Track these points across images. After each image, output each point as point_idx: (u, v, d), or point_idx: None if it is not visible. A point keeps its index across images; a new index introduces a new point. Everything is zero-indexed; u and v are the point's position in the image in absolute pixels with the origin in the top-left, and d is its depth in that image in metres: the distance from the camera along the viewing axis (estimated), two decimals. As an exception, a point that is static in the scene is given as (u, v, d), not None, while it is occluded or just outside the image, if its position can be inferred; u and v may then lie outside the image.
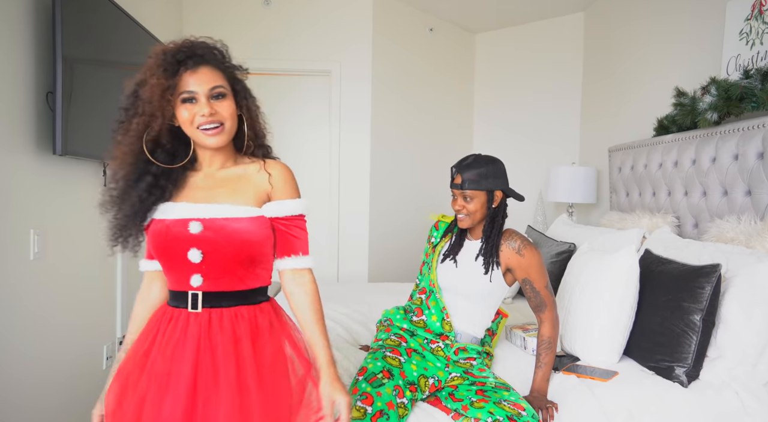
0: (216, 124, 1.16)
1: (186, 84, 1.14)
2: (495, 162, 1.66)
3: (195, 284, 1.17)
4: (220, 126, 1.17)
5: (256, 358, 1.17)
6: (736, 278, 1.71)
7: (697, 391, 1.62)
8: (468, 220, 1.66)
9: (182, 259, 1.16)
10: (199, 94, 1.15)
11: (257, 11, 3.69)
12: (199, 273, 1.17)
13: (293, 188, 1.25)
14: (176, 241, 1.16)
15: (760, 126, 2.04)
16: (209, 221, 1.16)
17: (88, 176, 2.30)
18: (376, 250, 3.95)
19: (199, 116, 1.15)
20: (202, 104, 1.15)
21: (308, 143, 3.88)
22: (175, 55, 1.14)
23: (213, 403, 1.11)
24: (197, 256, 1.15)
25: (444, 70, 4.39)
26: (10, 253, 1.79)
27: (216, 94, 1.16)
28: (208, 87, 1.15)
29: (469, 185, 1.62)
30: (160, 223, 1.18)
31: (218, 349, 1.15)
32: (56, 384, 2.07)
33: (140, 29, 2.58)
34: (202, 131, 1.16)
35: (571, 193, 3.43)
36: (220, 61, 1.20)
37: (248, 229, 1.17)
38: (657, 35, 3.04)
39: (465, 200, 1.64)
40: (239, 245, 1.16)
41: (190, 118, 1.15)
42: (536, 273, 1.65)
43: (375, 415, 1.35)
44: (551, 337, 1.64)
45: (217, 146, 1.19)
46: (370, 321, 2.26)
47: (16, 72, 1.80)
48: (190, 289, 1.18)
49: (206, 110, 1.14)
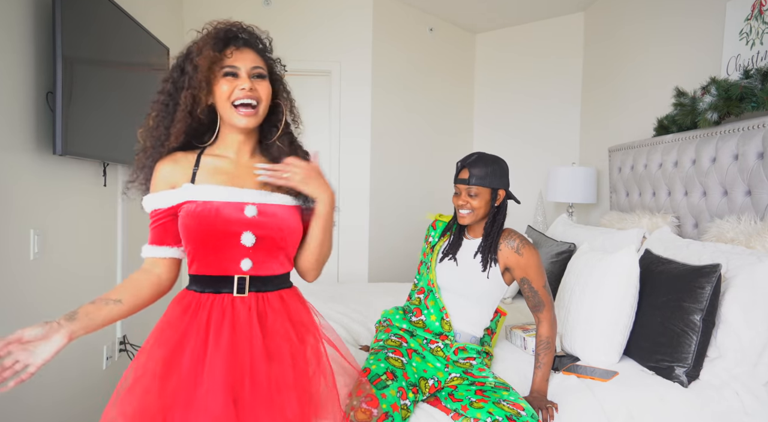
0: (253, 101, 1.19)
1: (230, 60, 1.19)
2: (500, 162, 1.67)
3: (245, 267, 1.18)
4: (255, 108, 1.20)
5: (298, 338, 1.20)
6: (736, 278, 1.71)
7: (697, 391, 1.62)
8: (470, 216, 1.65)
9: (234, 242, 1.17)
10: (241, 70, 1.20)
11: (257, 11, 3.69)
12: (248, 257, 1.18)
13: None
14: (229, 224, 1.17)
15: (760, 126, 2.04)
16: (263, 206, 1.20)
17: (88, 176, 2.31)
18: (376, 250, 3.95)
19: (239, 89, 1.18)
20: (243, 79, 1.19)
21: (308, 143, 3.85)
22: (227, 32, 1.21)
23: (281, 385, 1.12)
24: (251, 239, 1.17)
25: (444, 70, 4.39)
26: (10, 253, 1.80)
27: (257, 74, 1.22)
28: (251, 65, 1.21)
29: (476, 181, 1.62)
30: (207, 205, 1.17)
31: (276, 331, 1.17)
32: (56, 383, 2.07)
33: (140, 29, 2.58)
34: (236, 109, 1.19)
35: (571, 193, 3.43)
36: (263, 50, 1.27)
37: (294, 217, 1.23)
38: (657, 35, 3.04)
39: (469, 196, 1.64)
40: (288, 231, 1.22)
41: (229, 91, 1.19)
42: (534, 273, 1.65)
43: (380, 418, 1.35)
44: (550, 337, 1.64)
45: (248, 127, 1.22)
46: (369, 321, 2.26)
47: (16, 72, 1.80)
48: (238, 273, 1.18)
49: (247, 85, 1.18)
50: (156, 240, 1.23)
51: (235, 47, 1.21)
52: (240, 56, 1.20)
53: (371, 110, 3.84)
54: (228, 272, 1.18)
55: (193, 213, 1.16)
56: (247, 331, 1.14)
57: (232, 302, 1.17)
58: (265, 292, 1.21)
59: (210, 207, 1.16)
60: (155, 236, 1.23)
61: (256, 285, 1.19)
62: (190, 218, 1.16)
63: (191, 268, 1.21)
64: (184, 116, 1.19)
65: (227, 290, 1.18)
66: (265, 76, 1.23)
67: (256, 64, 1.22)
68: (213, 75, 1.19)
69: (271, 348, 1.15)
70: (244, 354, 1.12)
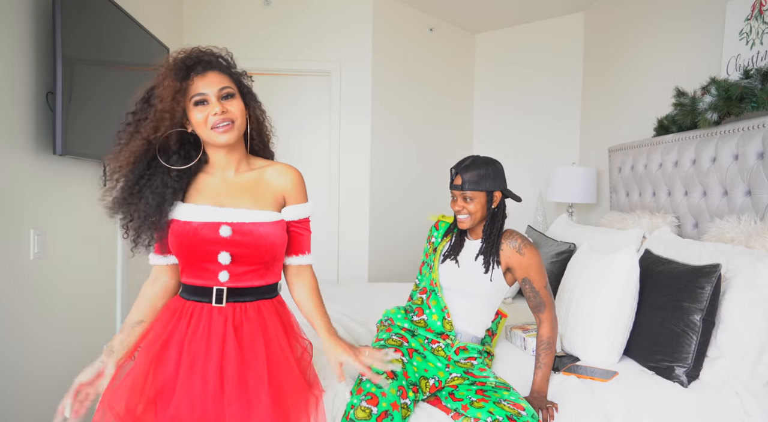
0: (227, 122, 1.23)
1: (197, 87, 1.23)
2: (494, 163, 1.68)
3: (223, 279, 1.26)
4: (231, 123, 1.24)
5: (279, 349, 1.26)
6: (736, 278, 1.71)
7: (697, 391, 1.62)
8: (468, 221, 1.67)
9: (211, 260, 1.24)
10: (209, 95, 1.23)
11: (257, 11, 3.69)
12: (226, 270, 1.25)
13: (305, 192, 1.36)
14: (206, 243, 1.24)
15: (760, 126, 2.04)
16: (238, 225, 1.24)
17: (88, 176, 2.30)
18: (376, 250, 3.95)
19: (212, 115, 1.22)
20: (213, 104, 1.22)
21: (308, 143, 3.88)
22: (185, 61, 1.23)
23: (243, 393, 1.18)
24: (226, 258, 1.24)
25: (444, 69, 4.39)
26: (10, 253, 1.79)
27: (225, 95, 1.25)
28: (218, 88, 1.23)
29: (469, 186, 1.63)
30: (187, 225, 1.24)
31: (245, 341, 1.23)
32: (56, 383, 2.07)
33: (140, 29, 2.57)
34: (214, 130, 1.23)
35: (571, 193, 3.43)
36: (226, 67, 1.28)
37: (273, 232, 1.27)
38: (657, 35, 3.04)
39: (465, 201, 1.65)
40: (265, 248, 1.26)
41: (203, 119, 1.23)
42: (536, 273, 1.66)
43: (380, 416, 1.36)
44: (550, 337, 1.64)
45: (228, 143, 1.26)
46: (370, 321, 2.26)
47: (16, 72, 1.80)
48: (217, 284, 1.26)
49: (218, 109, 1.22)
50: (159, 250, 1.34)
51: (197, 74, 1.23)
52: (205, 82, 1.23)
53: (371, 110, 3.84)
54: (207, 284, 1.26)
55: (175, 232, 1.25)
56: (220, 339, 1.22)
57: (210, 312, 1.25)
58: (243, 302, 1.27)
59: (189, 228, 1.24)
60: (158, 245, 1.33)
61: (234, 296, 1.27)
62: (173, 236, 1.25)
63: (182, 276, 1.31)
64: (142, 143, 1.22)
65: (207, 300, 1.26)
66: (234, 95, 1.26)
67: (222, 85, 1.24)
68: (184, 105, 1.23)
69: (246, 355, 1.22)
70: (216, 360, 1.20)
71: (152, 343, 1.25)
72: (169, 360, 1.21)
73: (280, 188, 1.32)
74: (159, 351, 1.23)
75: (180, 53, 1.25)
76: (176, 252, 1.27)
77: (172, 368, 1.20)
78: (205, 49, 1.27)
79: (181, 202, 1.28)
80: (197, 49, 1.26)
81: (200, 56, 1.25)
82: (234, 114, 1.24)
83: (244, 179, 1.31)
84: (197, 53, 1.25)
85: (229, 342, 1.21)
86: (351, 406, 1.38)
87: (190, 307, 1.27)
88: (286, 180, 1.32)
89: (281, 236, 1.29)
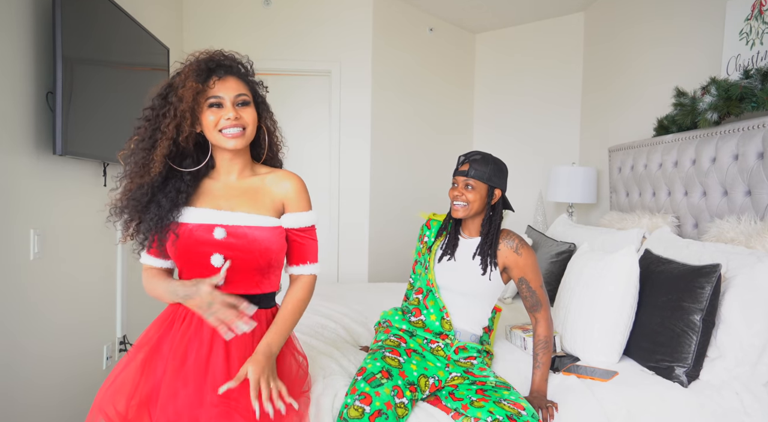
0: (239, 128, 1.24)
1: (215, 90, 1.24)
2: (502, 164, 1.71)
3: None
4: (242, 130, 1.25)
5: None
6: (736, 278, 1.71)
7: (697, 391, 1.61)
8: (463, 210, 1.67)
9: (204, 262, 1.23)
10: (225, 99, 1.24)
11: (257, 11, 3.69)
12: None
13: (307, 200, 1.34)
14: (199, 245, 1.23)
15: (760, 126, 2.04)
16: (233, 228, 1.24)
17: (88, 176, 2.31)
18: (376, 250, 3.95)
19: (224, 119, 1.23)
20: (227, 109, 1.24)
21: (308, 143, 3.88)
22: (207, 63, 1.24)
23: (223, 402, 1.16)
24: (219, 261, 1.23)
25: (444, 69, 4.39)
26: (10, 253, 1.80)
27: (241, 102, 1.26)
28: (234, 94, 1.25)
29: (475, 174, 1.65)
30: (183, 226, 1.24)
31: (232, 350, 1.21)
32: (57, 383, 2.07)
33: (140, 29, 2.58)
34: (223, 134, 1.24)
35: (571, 193, 3.43)
36: (245, 75, 1.30)
37: (268, 237, 1.26)
38: (657, 35, 3.04)
39: (466, 189, 1.66)
40: (259, 253, 1.25)
41: (215, 121, 1.24)
42: (532, 273, 1.67)
43: (373, 415, 1.35)
44: (547, 336, 1.66)
45: (236, 149, 1.27)
46: (370, 322, 2.26)
47: (16, 72, 1.80)
48: None
49: (232, 114, 1.23)
50: (155, 252, 1.34)
51: (218, 77, 1.25)
52: (223, 86, 1.25)
53: (371, 110, 3.84)
54: None
55: (171, 233, 1.25)
56: (208, 347, 1.21)
57: (201, 318, 1.23)
58: None
59: (185, 229, 1.24)
60: (152, 247, 1.32)
61: None
62: (169, 237, 1.25)
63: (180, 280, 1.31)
64: (168, 143, 1.23)
65: None
66: (249, 103, 1.28)
67: (239, 92, 1.26)
68: (198, 106, 1.23)
69: (232, 365, 1.20)
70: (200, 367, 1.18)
71: (144, 345, 1.25)
72: (159, 364, 1.21)
73: (279, 195, 1.31)
74: (149, 354, 1.22)
75: (203, 54, 1.26)
76: (172, 253, 1.27)
77: (161, 372, 1.20)
78: (228, 53, 1.29)
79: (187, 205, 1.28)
80: (220, 52, 1.28)
81: (222, 61, 1.27)
82: (246, 121, 1.26)
83: (244, 184, 1.31)
84: (220, 57, 1.27)
85: (216, 350, 1.20)
86: (345, 406, 1.39)
87: (183, 311, 1.26)
88: (286, 187, 1.31)
89: (277, 242, 1.28)
